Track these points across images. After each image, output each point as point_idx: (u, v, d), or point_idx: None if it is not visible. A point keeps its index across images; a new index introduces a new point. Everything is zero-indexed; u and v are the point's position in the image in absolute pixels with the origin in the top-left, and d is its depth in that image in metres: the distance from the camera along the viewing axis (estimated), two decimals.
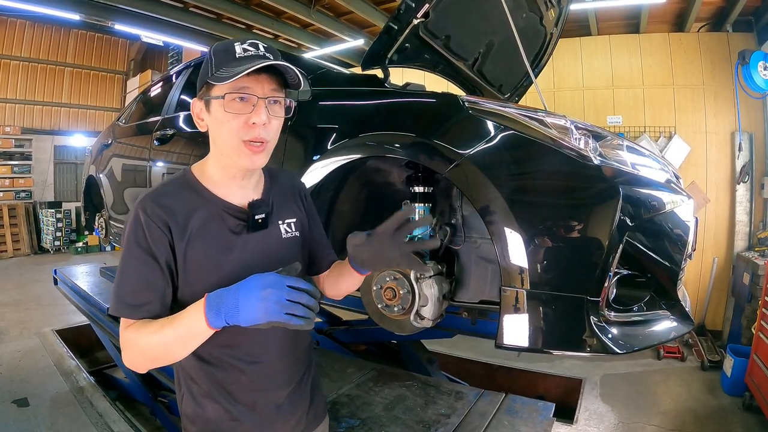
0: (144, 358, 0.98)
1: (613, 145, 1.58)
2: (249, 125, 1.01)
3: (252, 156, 1.04)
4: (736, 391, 4.19)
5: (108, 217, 3.95)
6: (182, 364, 1.12)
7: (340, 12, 7.44)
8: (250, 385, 1.11)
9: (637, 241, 1.46)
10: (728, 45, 5.81)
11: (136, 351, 0.97)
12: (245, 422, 1.12)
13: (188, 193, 1.07)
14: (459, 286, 1.85)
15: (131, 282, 0.99)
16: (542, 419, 2.11)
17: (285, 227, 1.17)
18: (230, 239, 1.07)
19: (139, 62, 12.83)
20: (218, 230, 1.06)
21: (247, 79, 0.99)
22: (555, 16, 2.91)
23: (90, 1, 6.80)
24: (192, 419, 1.14)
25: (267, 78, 1.02)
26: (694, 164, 5.89)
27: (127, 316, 0.98)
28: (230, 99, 1.00)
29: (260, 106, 1.01)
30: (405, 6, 2.00)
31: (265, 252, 1.10)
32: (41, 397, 3.70)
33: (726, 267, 5.81)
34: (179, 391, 1.17)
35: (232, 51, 1.00)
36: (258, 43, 1.02)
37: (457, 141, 1.53)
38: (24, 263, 9.79)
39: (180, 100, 3.10)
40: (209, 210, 1.06)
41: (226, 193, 1.10)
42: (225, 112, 1.00)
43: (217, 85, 1.00)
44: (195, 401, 1.12)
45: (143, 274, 0.99)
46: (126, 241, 1.01)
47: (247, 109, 1.01)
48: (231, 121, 1.01)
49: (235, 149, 1.03)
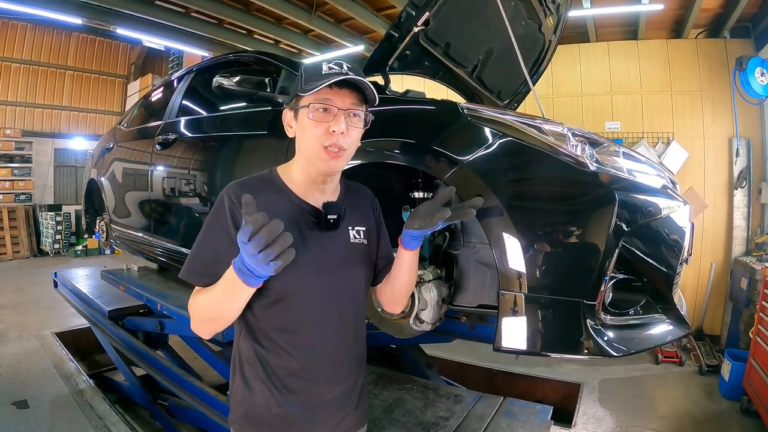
0: (200, 319, 1.13)
1: (610, 152, 1.61)
2: (329, 133, 1.12)
3: (330, 161, 1.14)
4: (733, 396, 4.21)
5: (109, 221, 3.97)
6: (240, 347, 1.23)
7: (341, 18, 7.48)
8: (300, 372, 1.18)
9: (633, 246, 1.48)
10: (726, 51, 5.85)
11: (194, 314, 1.13)
12: (289, 410, 1.17)
13: (271, 187, 1.20)
14: (458, 290, 1.87)
15: (203, 254, 1.13)
16: (540, 422, 2.13)
17: (354, 233, 1.27)
18: (303, 233, 1.16)
19: (140, 66, 12.87)
20: (293, 225, 1.14)
21: (330, 92, 1.12)
22: (554, 23, 2.94)
23: (92, 6, 6.82)
24: (240, 401, 1.22)
25: (348, 92, 1.14)
26: (692, 170, 5.93)
27: (191, 281, 1.14)
28: (314, 108, 1.12)
29: (340, 116, 1.13)
30: (406, 14, 2.02)
31: (330, 251, 1.21)
32: (41, 400, 3.71)
33: (724, 272, 5.83)
34: (233, 375, 1.26)
35: (320, 68, 1.13)
36: (343, 63, 1.15)
37: (456, 147, 1.56)
38: (23, 266, 9.79)
39: (182, 105, 3.12)
40: (288, 205, 1.18)
41: (306, 195, 1.21)
42: (309, 119, 1.13)
43: (304, 96, 1.12)
44: (246, 384, 1.21)
45: (215, 249, 1.12)
46: (208, 219, 1.16)
47: (328, 118, 1.13)
48: (314, 128, 1.13)
49: (316, 153, 1.14)
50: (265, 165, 1.31)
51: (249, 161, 2.35)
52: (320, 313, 1.17)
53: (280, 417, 1.18)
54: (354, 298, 1.25)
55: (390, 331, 1.85)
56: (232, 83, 2.12)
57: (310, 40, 8.40)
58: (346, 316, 1.23)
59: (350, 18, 7.14)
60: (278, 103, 2.15)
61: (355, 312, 1.26)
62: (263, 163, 1.30)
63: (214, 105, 2.85)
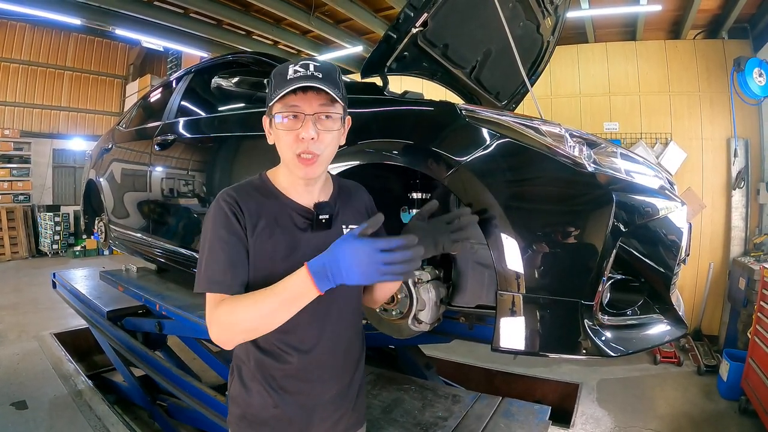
0: (239, 330, 1.07)
1: (608, 153, 1.61)
2: (299, 140, 1.10)
3: (305, 168, 1.13)
4: (732, 395, 4.22)
5: (107, 221, 3.97)
6: (237, 348, 1.22)
7: (340, 19, 7.48)
8: (297, 373, 1.18)
9: (630, 247, 1.48)
10: (724, 52, 5.87)
11: (231, 324, 1.06)
12: (286, 411, 1.18)
13: (262, 191, 1.20)
14: (456, 291, 1.86)
15: (218, 261, 1.10)
16: (538, 422, 2.13)
17: (348, 231, 1.24)
18: (296, 234, 1.17)
19: (139, 67, 12.87)
20: (286, 226, 1.17)
21: (295, 98, 1.09)
22: (552, 24, 2.94)
23: (91, 6, 6.81)
24: (236, 401, 1.23)
25: (314, 95, 1.10)
26: (690, 170, 5.94)
27: (212, 290, 1.09)
28: (284, 116, 1.11)
29: (308, 123, 1.10)
30: (404, 15, 2.02)
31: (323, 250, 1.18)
32: (40, 401, 3.71)
33: (722, 272, 5.85)
34: (231, 376, 1.26)
35: (285, 73, 1.10)
36: (309, 63, 1.11)
37: (454, 148, 1.56)
38: (22, 266, 9.78)
39: (180, 106, 3.12)
40: (280, 207, 1.18)
41: (295, 195, 1.21)
42: (277, 129, 1.13)
43: (271, 104, 1.12)
44: (242, 384, 1.21)
45: (229, 255, 1.10)
46: (211, 227, 1.12)
47: (296, 125, 1.10)
48: (284, 136, 1.12)
49: (291, 161, 1.14)
50: (263, 166, 1.31)
51: (247, 162, 2.35)
52: (316, 314, 1.15)
53: (277, 418, 1.18)
54: (350, 297, 1.25)
55: (388, 332, 1.85)
56: (230, 84, 2.13)
57: (309, 41, 8.40)
58: (343, 315, 1.23)
59: (349, 19, 7.14)
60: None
61: (352, 312, 1.27)
62: (261, 164, 1.30)
63: (212, 106, 2.85)
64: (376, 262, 0.93)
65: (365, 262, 0.93)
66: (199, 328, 2.60)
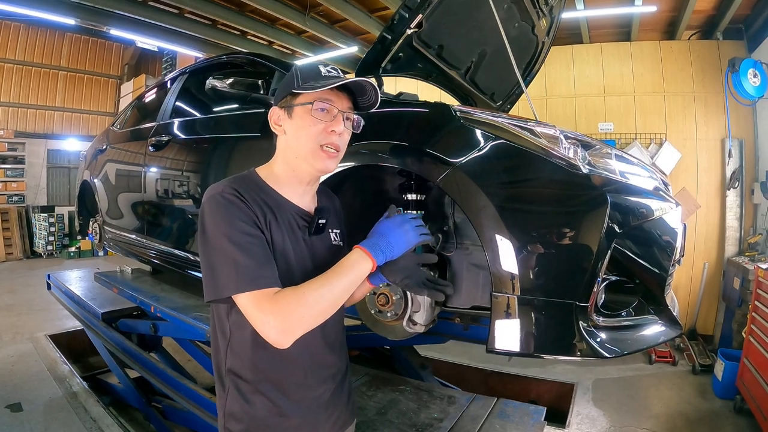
0: (309, 316, 1.03)
1: (602, 154, 1.61)
2: (328, 132, 1.15)
3: (326, 160, 1.17)
4: (727, 395, 4.23)
5: (102, 222, 3.95)
6: (228, 362, 1.17)
7: (335, 19, 7.47)
8: (298, 378, 1.18)
9: (625, 248, 1.49)
10: (718, 52, 5.89)
11: (301, 312, 1.01)
12: (293, 417, 1.17)
13: (256, 188, 1.17)
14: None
15: (258, 255, 1.05)
16: (534, 423, 2.13)
17: (333, 235, 1.30)
18: (297, 235, 1.19)
19: (133, 67, 12.83)
20: (287, 225, 1.17)
21: (330, 93, 1.15)
22: (547, 25, 2.94)
23: (85, 6, 6.77)
24: (238, 417, 1.16)
25: (346, 97, 1.19)
26: (684, 170, 5.96)
27: (253, 288, 1.02)
28: (316, 107, 1.14)
29: (339, 118, 1.16)
30: (399, 16, 2.02)
31: (318, 254, 1.23)
32: (35, 403, 3.69)
33: (717, 272, 5.87)
34: (223, 392, 1.20)
35: (317, 70, 1.17)
36: (337, 68, 1.20)
37: (449, 150, 1.56)
38: (16, 268, 9.73)
39: (175, 107, 3.11)
40: (280, 206, 1.18)
41: (292, 197, 1.22)
42: (311, 116, 1.14)
43: (304, 94, 1.14)
44: (243, 398, 1.16)
45: (263, 246, 1.08)
46: (226, 223, 1.05)
47: (327, 118, 1.15)
48: (312, 126, 1.14)
49: (311, 152, 1.15)
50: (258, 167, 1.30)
51: (242, 163, 2.34)
52: None
53: (284, 427, 1.16)
54: None
55: (383, 333, 1.85)
56: (225, 85, 2.11)
57: (304, 41, 8.38)
58: (333, 316, 1.22)
59: (344, 19, 7.13)
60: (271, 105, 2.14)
61: (339, 311, 1.26)
62: (256, 164, 1.30)
63: (207, 107, 2.84)
64: (413, 229, 1.18)
65: (407, 230, 1.17)
66: (193, 329, 2.59)
